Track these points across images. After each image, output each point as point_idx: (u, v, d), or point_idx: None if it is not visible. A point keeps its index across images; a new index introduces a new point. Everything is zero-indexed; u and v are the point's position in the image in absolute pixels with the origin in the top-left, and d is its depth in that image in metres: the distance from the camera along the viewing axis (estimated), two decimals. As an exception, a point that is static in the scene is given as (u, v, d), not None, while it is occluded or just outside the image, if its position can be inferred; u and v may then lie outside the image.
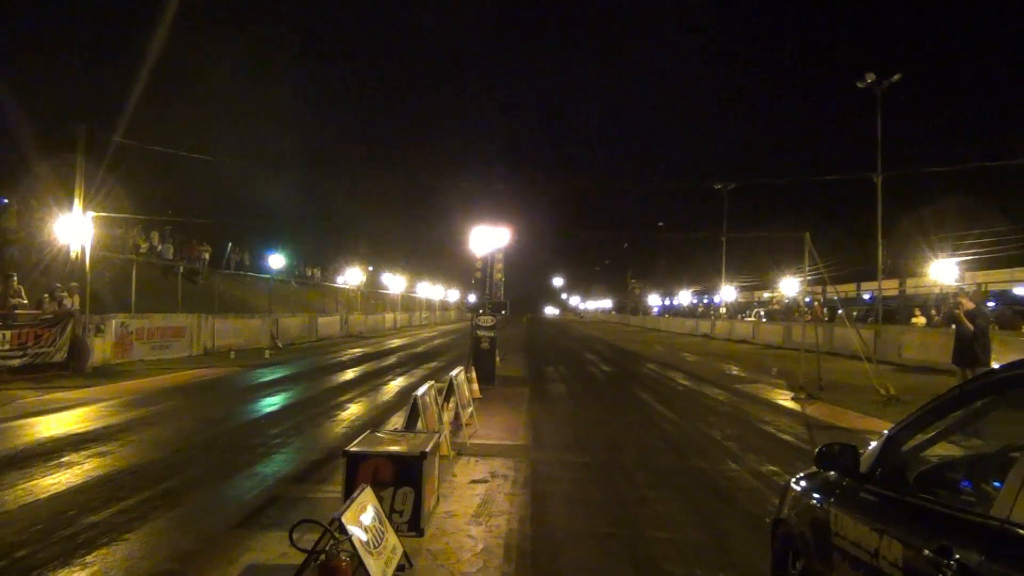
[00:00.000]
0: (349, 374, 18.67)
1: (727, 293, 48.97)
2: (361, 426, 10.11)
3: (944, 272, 28.49)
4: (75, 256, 18.52)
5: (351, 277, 46.69)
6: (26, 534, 5.48)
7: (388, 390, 15.23)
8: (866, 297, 41.25)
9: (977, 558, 2.24)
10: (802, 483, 3.85)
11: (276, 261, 39.93)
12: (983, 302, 15.71)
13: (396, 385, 16.02)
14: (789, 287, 39.49)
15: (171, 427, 10.37)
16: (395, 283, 58.73)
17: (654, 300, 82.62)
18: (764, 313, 46.22)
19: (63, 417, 10.94)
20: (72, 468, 7.63)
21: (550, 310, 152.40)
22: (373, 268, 56.71)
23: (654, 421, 11.60)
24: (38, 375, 15.42)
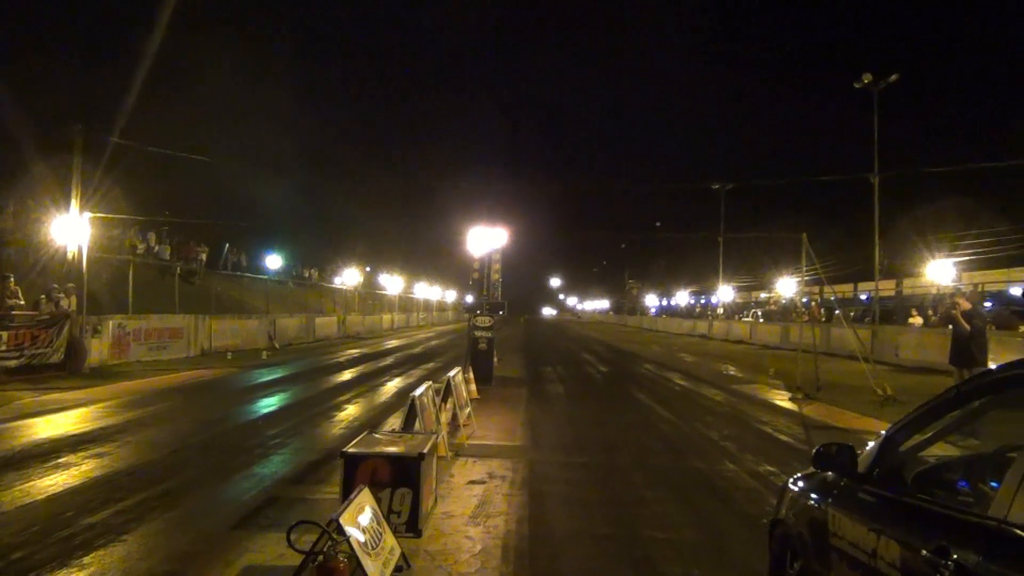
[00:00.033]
0: (346, 375, 18.65)
1: (724, 294, 49.02)
2: (359, 427, 10.10)
3: (941, 272, 28.57)
4: (72, 257, 18.49)
5: (348, 278, 46.65)
6: (23, 535, 5.47)
7: (386, 391, 15.22)
8: (863, 297, 41.37)
9: (975, 558, 2.24)
10: (800, 483, 3.86)
11: (273, 262, 39.95)
12: (980, 302, 15.76)
13: (394, 386, 16.01)
14: (786, 287, 39.56)
15: (168, 428, 10.35)
16: (393, 284, 58.72)
17: (651, 301, 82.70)
18: (761, 313, 46.27)
19: (60, 418, 10.92)
20: (69, 469, 7.62)
21: (548, 311, 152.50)
22: (371, 269, 56.67)
23: (651, 422, 11.60)
24: (35, 376, 15.38)
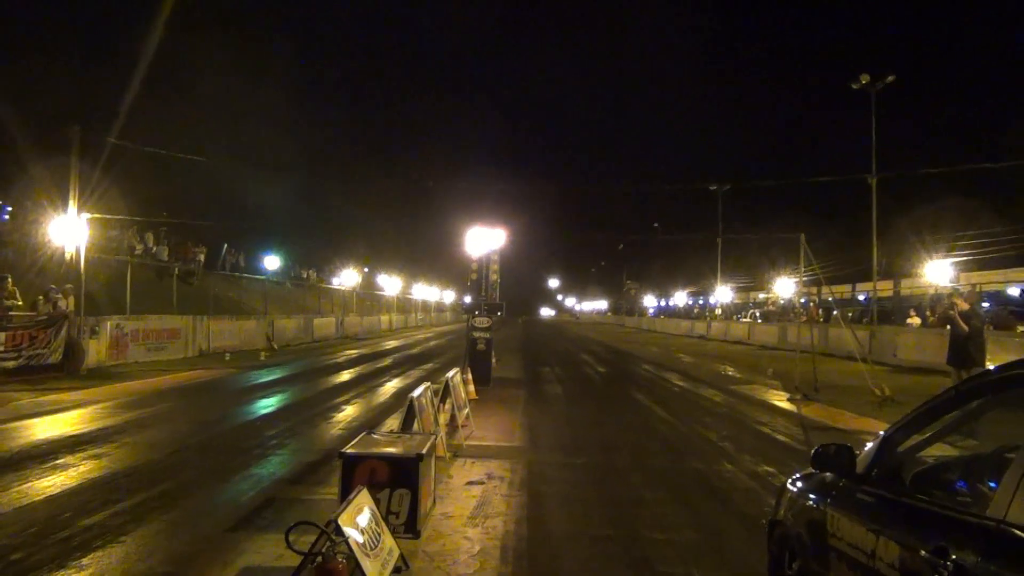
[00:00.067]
0: (345, 375, 18.64)
1: (723, 294, 49.06)
2: (357, 428, 10.09)
3: (939, 273, 28.61)
4: (70, 258, 18.46)
5: (347, 279, 46.63)
6: (21, 536, 5.46)
7: (384, 392, 15.21)
8: (861, 298, 41.41)
9: (973, 558, 2.25)
10: (798, 484, 3.86)
11: (271, 262, 39.92)
12: (978, 303, 15.79)
13: (392, 387, 16.00)
14: (784, 288, 39.58)
15: (166, 429, 10.34)
16: (391, 285, 58.71)
17: (650, 301, 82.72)
18: (760, 314, 46.26)
19: (58, 419, 10.90)
20: (67, 470, 7.61)
21: (546, 311, 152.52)
22: (369, 270, 56.65)
23: (650, 422, 11.60)
24: (33, 377, 15.35)
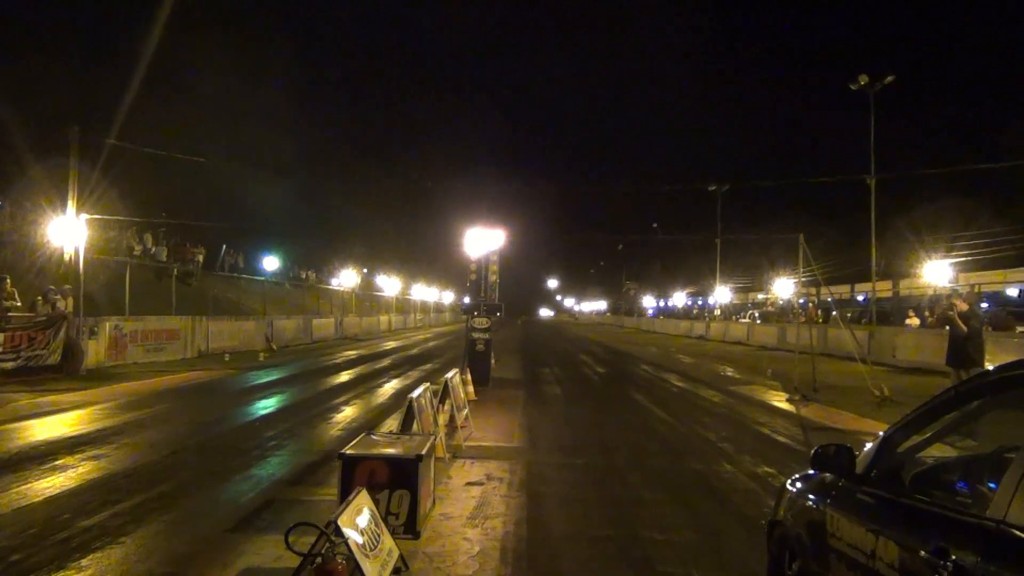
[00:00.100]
0: (344, 376, 18.63)
1: (722, 295, 49.09)
2: (356, 428, 10.09)
3: (938, 273, 28.65)
4: (69, 258, 18.44)
5: (346, 279, 46.62)
6: (20, 537, 5.46)
7: (383, 392, 15.21)
8: (860, 298, 41.45)
9: (973, 559, 2.25)
10: (798, 484, 3.87)
11: (270, 263, 39.93)
12: (977, 303, 15.80)
13: (391, 387, 16.00)
14: (783, 289, 39.61)
15: (165, 430, 10.33)
16: (390, 285, 58.71)
17: (649, 302, 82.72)
18: (759, 315, 46.32)
19: (57, 420, 10.90)
20: (66, 471, 7.60)
21: (545, 312, 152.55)
22: (368, 270, 56.64)
23: (649, 423, 11.60)
24: (32, 378, 15.35)
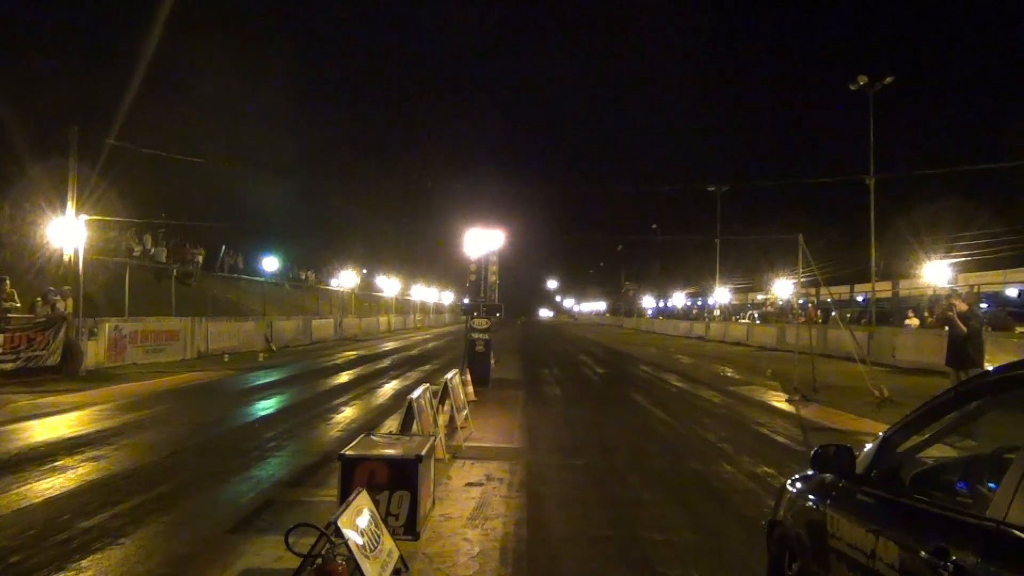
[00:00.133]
0: (344, 377, 18.62)
1: (721, 295, 49.10)
2: (356, 429, 10.09)
3: (937, 274, 28.67)
4: (68, 259, 18.44)
5: (345, 280, 46.61)
6: (20, 539, 5.45)
7: (383, 393, 15.21)
8: (860, 299, 41.42)
9: (973, 559, 2.25)
10: (798, 485, 3.86)
11: (270, 264, 39.89)
12: (976, 304, 15.81)
13: (391, 388, 15.99)
14: (783, 289, 39.63)
15: (165, 431, 10.32)
16: (389, 286, 58.70)
17: (648, 302, 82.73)
18: (758, 315, 46.32)
19: (57, 421, 10.89)
20: (66, 472, 7.60)
21: (544, 312, 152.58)
22: (367, 271, 56.63)
23: (649, 423, 11.60)
24: (31, 379, 15.34)
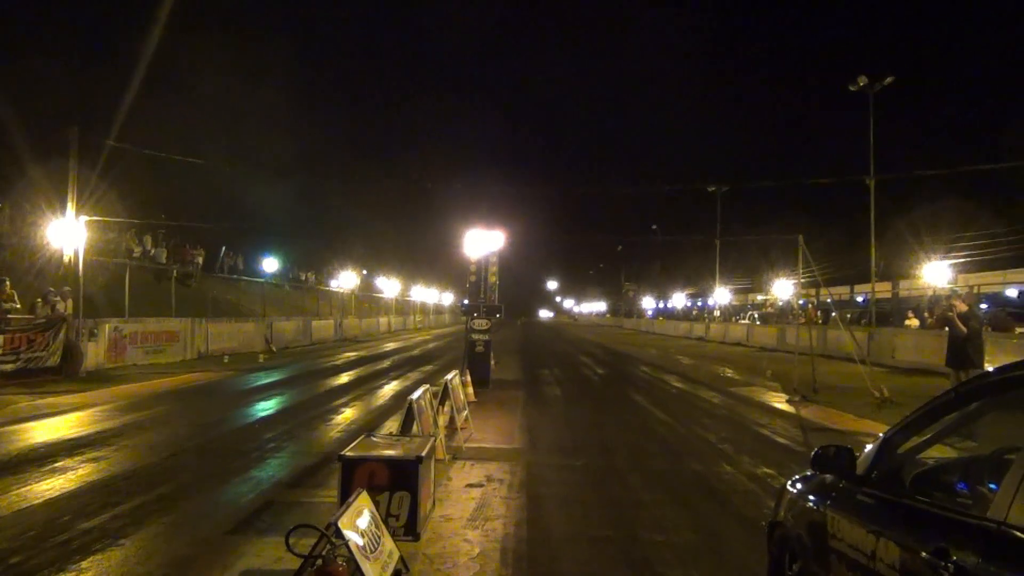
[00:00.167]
0: (344, 378, 18.62)
1: (721, 296, 49.09)
2: (356, 430, 10.09)
3: (937, 274, 28.67)
4: (68, 260, 18.44)
5: (345, 281, 46.60)
6: (20, 540, 5.45)
7: (383, 394, 15.21)
8: (859, 300, 41.41)
9: (974, 560, 2.25)
10: (798, 485, 3.86)
11: (270, 265, 39.92)
12: (976, 304, 15.80)
13: (391, 389, 15.99)
14: (783, 290, 39.62)
15: (165, 432, 10.32)
16: (389, 287, 58.68)
17: (648, 303, 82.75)
18: (758, 316, 46.29)
19: (57, 422, 10.89)
20: (66, 473, 7.60)
21: (544, 313, 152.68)
22: (367, 272, 56.63)
23: (649, 424, 11.60)
24: (31, 380, 15.34)
